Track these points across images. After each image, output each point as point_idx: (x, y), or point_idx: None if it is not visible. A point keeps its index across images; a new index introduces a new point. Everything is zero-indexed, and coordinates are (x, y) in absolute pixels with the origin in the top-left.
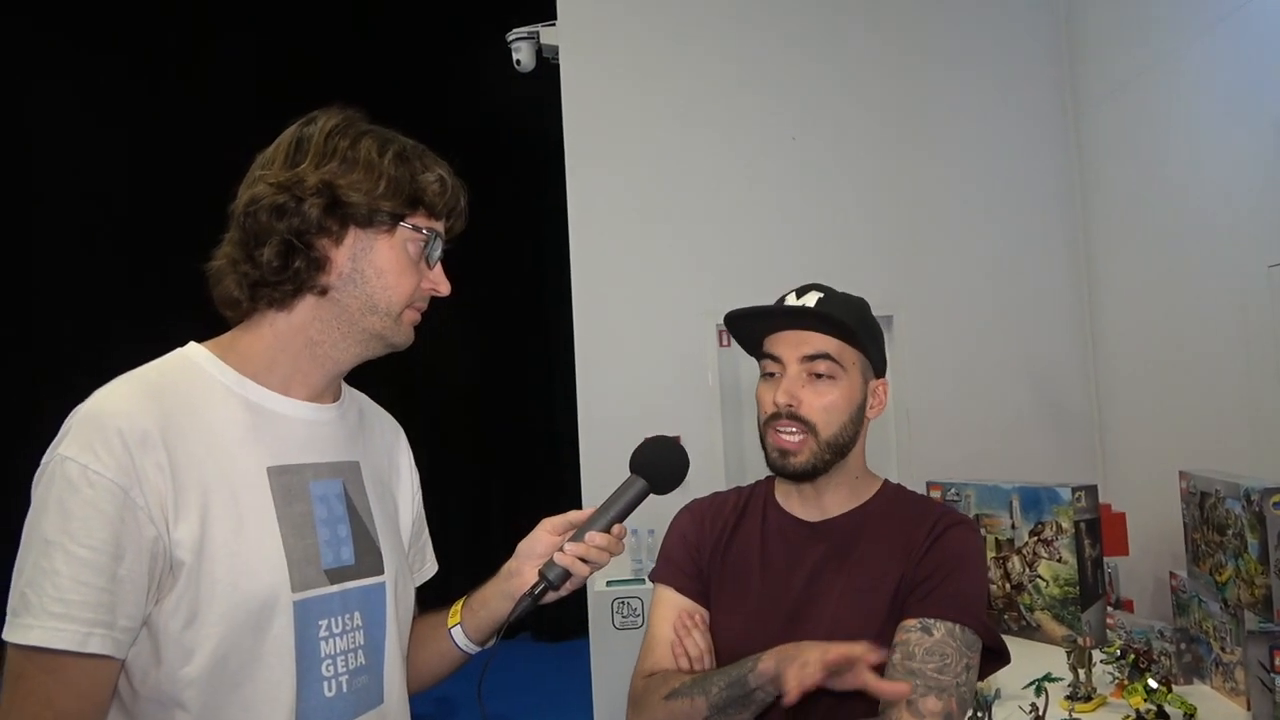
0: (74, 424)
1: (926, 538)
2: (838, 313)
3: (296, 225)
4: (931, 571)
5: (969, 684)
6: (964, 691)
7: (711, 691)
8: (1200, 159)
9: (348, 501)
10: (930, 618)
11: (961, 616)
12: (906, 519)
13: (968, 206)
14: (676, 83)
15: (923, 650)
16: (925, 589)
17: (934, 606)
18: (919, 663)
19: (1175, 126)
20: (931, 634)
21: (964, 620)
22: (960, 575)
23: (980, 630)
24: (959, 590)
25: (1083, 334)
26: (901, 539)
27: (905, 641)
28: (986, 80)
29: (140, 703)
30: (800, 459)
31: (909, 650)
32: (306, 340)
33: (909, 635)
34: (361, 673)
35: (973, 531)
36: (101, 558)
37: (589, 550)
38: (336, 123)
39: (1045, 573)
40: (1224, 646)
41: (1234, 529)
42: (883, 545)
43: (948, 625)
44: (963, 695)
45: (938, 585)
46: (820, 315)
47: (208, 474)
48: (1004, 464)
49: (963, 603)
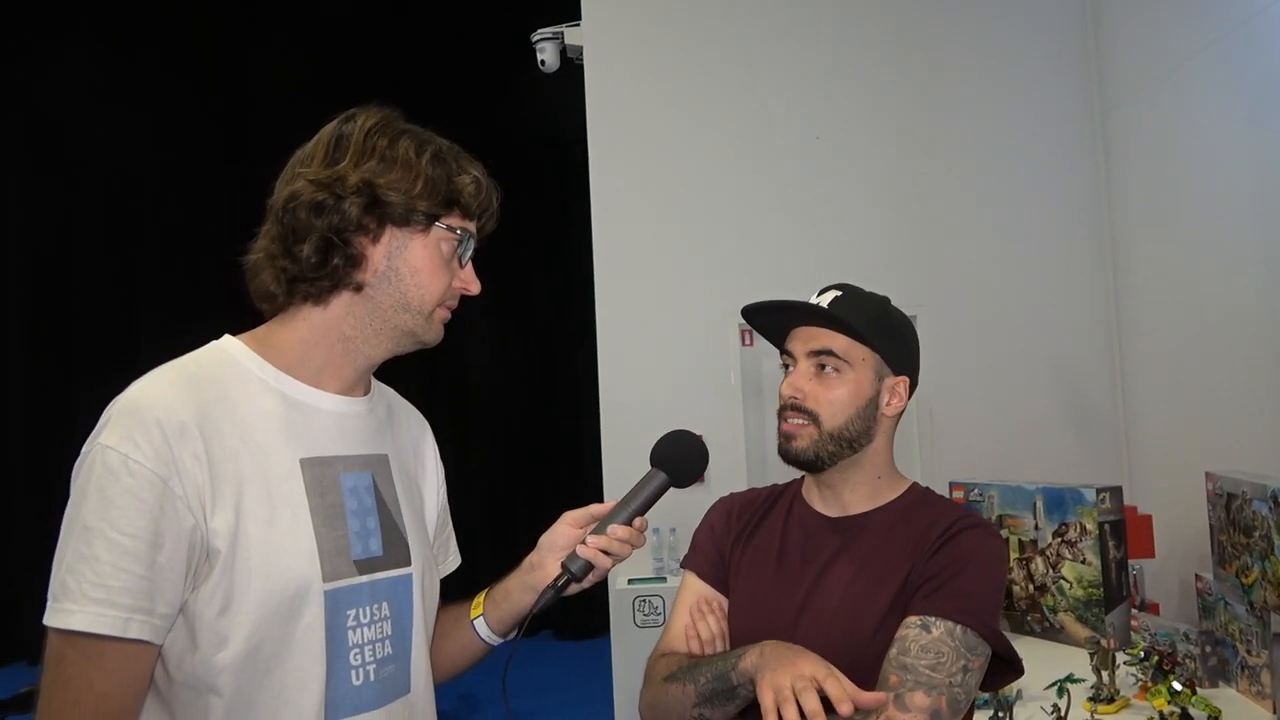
0: (114, 414)
1: (939, 537)
2: (845, 313)
3: (336, 223)
4: (939, 570)
5: (965, 686)
6: (957, 693)
7: (700, 681)
8: (1226, 159)
9: (376, 494)
10: (931, 615)
11: (963, 617)
12: (924, 518)
13: (991, 207)
14: (699, 83)
15: (918, 647)
16: (930, 587)
17: (936, 605)
18: (912, 658)
19: (1201, 127)
20: (930, 631)
21: (966, 621)
22: (969, 577)
23: (985, 633)
24: (966, 591)
25: (1108, 334)
26: (915, 536)
27: (903, 637)
28: (1011, 81)
29: (175, 688)
30: (800, 444)
31: (904, 645)
32: (340, 335)
33: (907, 631)
34: (389, 662)
35: (990, 536)
36: (141, 545)
37: (611, 542)
38: (375, 121)
39: (1069, 574)
40: (1250, 649)
41: (1261, 530)
42: (895, 541)
43: (948, 624)
44: (955, 696)
45: (944, 584)
46: (824, 314)
47: (242, 465)
48: (1028, 464)
49: (968, 604)
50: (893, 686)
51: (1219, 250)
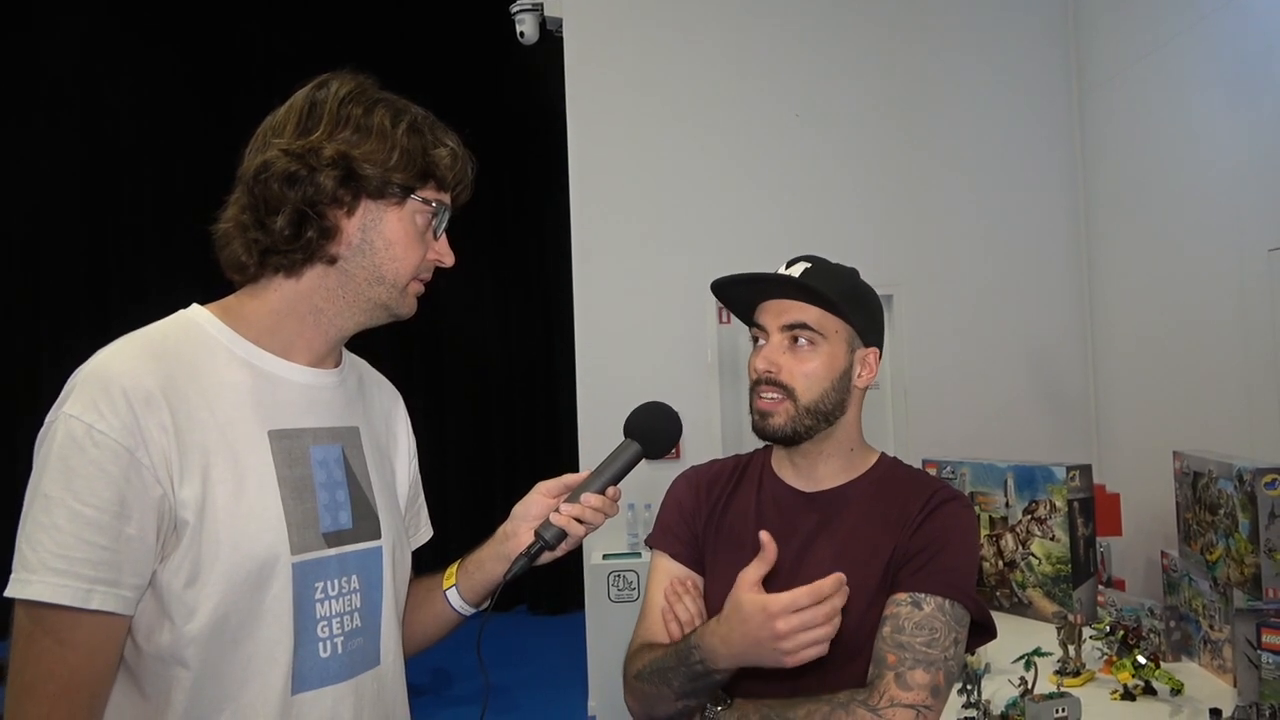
0: (78, 383)
1: (920, 512)
2: (818, 283)
3: (310, 195)
4: (924, 545)
5: (957, 658)
6: (951, 665)
7: (674, 684)
8: (1202, 142)
9: (346, 466)
10: (921, 592)
11: (951, 591)
12: (901, 493)
13: (968, 187)
14: (680, 58)
15: (912, 624)
16: (917, 563)
17: (925, 581)
18: (908, 636)
19: (1178, 109)
20: (921, 608)
21: (954, 595)
22: (952, 551)
23: (970, 605)
24: (951, 565)
25: (1081, 315)
26: (895, 512)
27: (895, 615)
28: (989, 61)
29: (144, 660)
30: (777, 420)
31: (899, 624)
32: (311, 307)
33: (899, 609)
34: (357, 635)
35: (966, 507)
36: (105, 516)
37: (584, 511)
38: (350, 89)
39: (1038, 550)
40: (1213, 624)
41: (1225, 509)
42: (875, 518)
43: (938, 600)
44: (950, 669)
45: (930, 560)
46: (799, 285)
47: (209, 436)
48: (1000, 443)
49: (953, 578)
50: (891, 665)
51: (1192, 235)
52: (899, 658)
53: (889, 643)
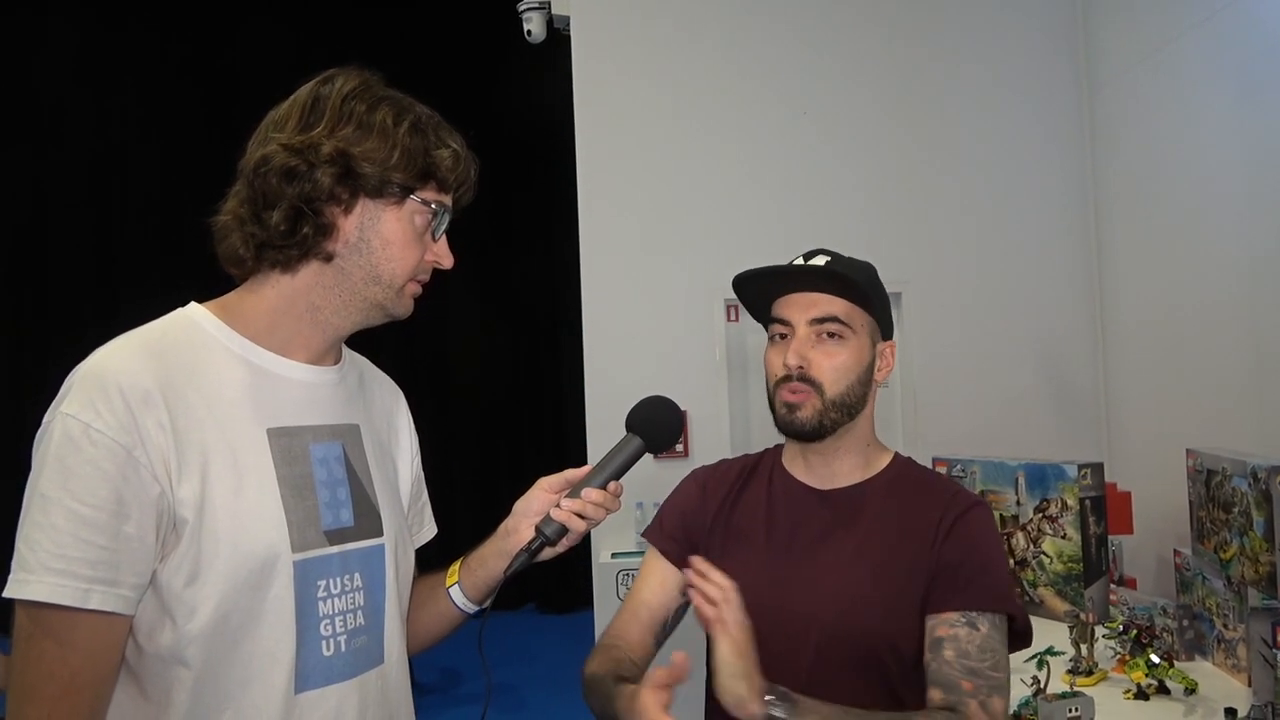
0: (75, 382)
1: (945, 520)
2: (847, 272)
3: (307, 191)
4: (961, 559)
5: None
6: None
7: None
8: (1214, 138)
9: (347, 464)
10: (973, 610)
11: (1002, 605)
12: (919, 498)
13: (976, 184)
14: (686, 57)
15: (975, 647)
16: (961, 578)
17: (976, 598)
18: (975, 661)
19: (1189, 104)
20: (978, 628)
21: (1005, 608)
22: (988, 561)
23: (1017, 614)
24: (996, 577)
25: (1090, 312)
26: (916, 520)
27: (955, 637)
28: (997, 57)
29: (145, 660)
30: (804, 413)
31: (962, 648)
32: (308, 304)
33: (956, 630)
34: (360, 633)
35: (987, 511)
36: (103, 516)
37: (585, 506)
38: (354, 85)
39: (1049, 549)
40: (1226, 623)
41: (1240, 506)
42: (892, 520)
43: (990, 617)
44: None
45: (973, 574)
46: (830, 274)
47: (208, 434)
48: (1009, 440)
49: (1000, 590)
50: (971, 693)
51: (1202, 230)
52: (975, 685)
53: (957, 668)
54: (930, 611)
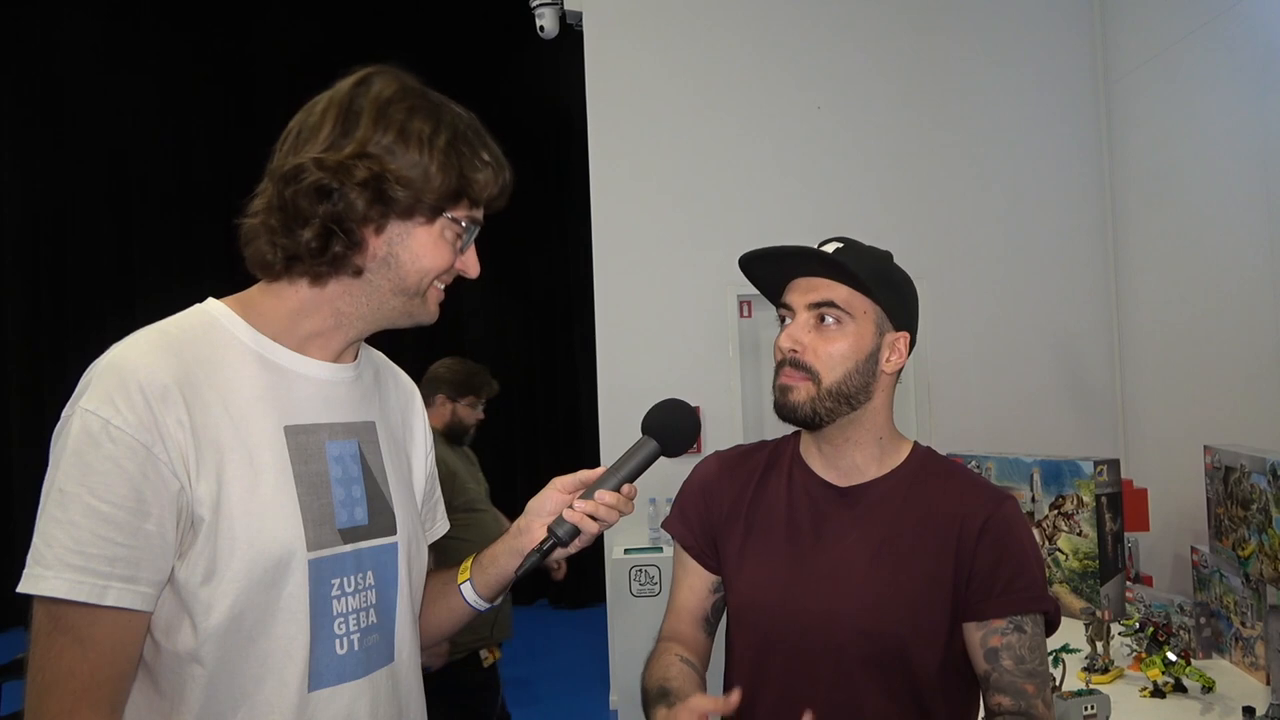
0: (94, 376)
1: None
2: (847, 261)
3: (340, 211)
4: (997, 562)
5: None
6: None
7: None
8: (1228, 134)
9: (362, 462)
10: (1018, 614)
11: (1042, 605)
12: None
13: (992, 177)
14: (701, 51)
15: (1027, 650)
16: (1000, 584)
17: (1020, 602)
18: (1031, 663)
19: (1204, 101)
20: (1025, 630)
21: (1044, 607)
22: (1030, 561)
23: (1053, 610)
24: (1036, 578)
25: (1107, 307)
26: (940, 516)
27: (1009, 645)
28: (1014, 50)
29: (161, 657)
30: (796, 397)
31: (1017, 654)
32: (333, 311)
33: (1009, 638)
34: (373, 631)
35: (1016, 505)
36: (122, 513)
37: (598, 508)
38: (393, 91)
39: (1065, 546)
40: (1244, 621)
41: (1259, 504)
42: (915, 516)
43: (1034, 617)
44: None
45: (1014, 578)
46: (826, 260)
47: (224, 432)
48: (1024, 436)
49: (1038, 590)
50: (1034, 695)
51: (1219, 224)
52: (1036, 686)
53: (1018, 674)
54: (972, 618)
